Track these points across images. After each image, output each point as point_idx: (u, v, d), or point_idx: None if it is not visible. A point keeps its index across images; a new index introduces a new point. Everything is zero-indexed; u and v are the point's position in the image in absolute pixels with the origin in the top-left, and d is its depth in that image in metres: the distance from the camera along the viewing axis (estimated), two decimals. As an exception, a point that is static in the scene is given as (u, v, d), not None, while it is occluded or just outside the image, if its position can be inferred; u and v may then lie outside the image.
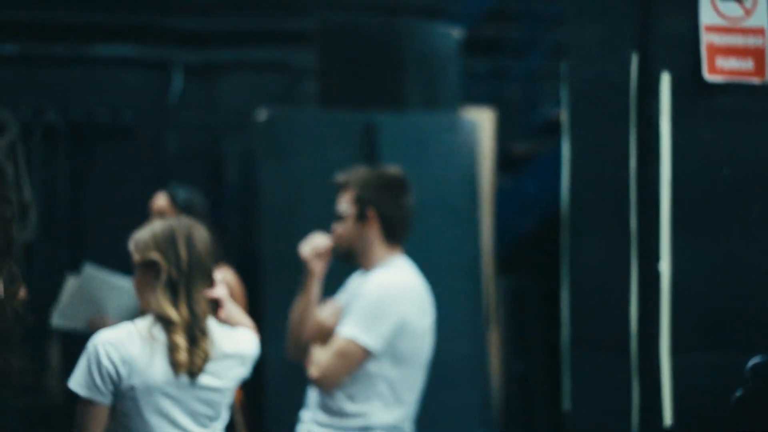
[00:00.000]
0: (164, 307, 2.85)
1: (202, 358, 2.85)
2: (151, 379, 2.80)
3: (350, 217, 3.65)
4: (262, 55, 7.65)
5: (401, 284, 3.58)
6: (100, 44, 7.46)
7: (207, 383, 2.87)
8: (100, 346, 2.78)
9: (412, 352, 3.56)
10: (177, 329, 2.84)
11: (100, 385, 2.76)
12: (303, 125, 5.47)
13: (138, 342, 2.81)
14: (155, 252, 2.89)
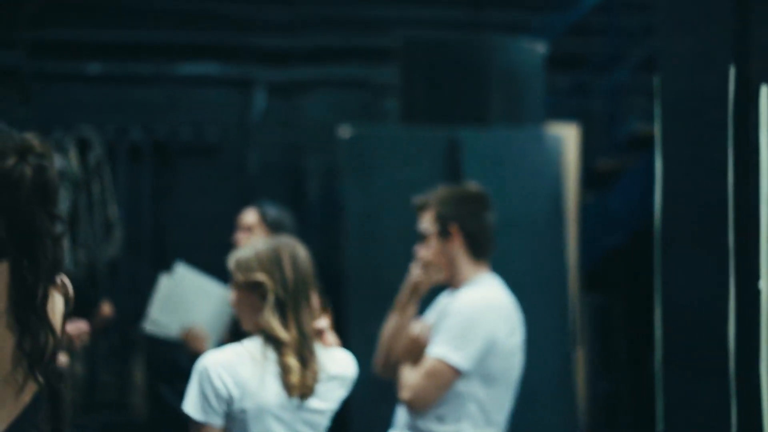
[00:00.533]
0: (274, 328, 2.81)
1: (312, 379, 2.81)
2: (263, 401, 2.76)
3: (433, 236, 3.60)
4: (343, 72, 7.66)
5: (491, 302, 3.52)
6: (183, 63, 7.54)
7: (314, 405, 2.83)
8: (212, 369, 2.74)
9: (502, 371, 3.49)
10: (288, 350, 2.80)
11: (216, 407, 2.73)
12: (386, 142, 5.44)
13: (249, 364, 2.78)
14: (261, 273, 2.86)
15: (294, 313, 2.84)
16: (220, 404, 2.74)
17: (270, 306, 2.83)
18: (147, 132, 7.43)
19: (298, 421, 2.82)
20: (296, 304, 2.85)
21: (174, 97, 7.54)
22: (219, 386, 2.73)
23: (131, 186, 7.41)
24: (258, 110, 7.57)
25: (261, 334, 2.84)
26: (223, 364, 2.76)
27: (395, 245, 5.12)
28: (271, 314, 2.83)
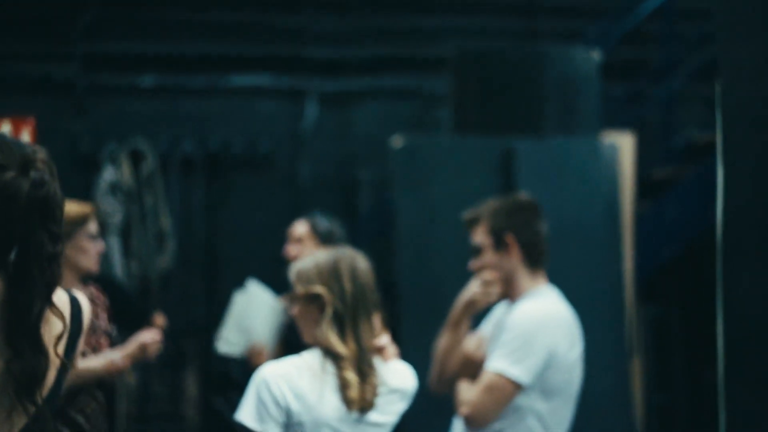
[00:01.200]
0: (332, 341, 2.77)
1: (372, 393, 2.77)
2: (322, 415, 2.72)
3: (488, 249, 3.53)
4: (396, 82, 7.63)
5: (551, 314, 3.45)
6: (236, 74, 7.56)
7: (373, 419, 2.79)
8: (270, 379, 2.70)
9: (562, 384, 3.42)
10: (346, 364, 2.76)
11: (275, 417, 2.69)
12: (439, 152, 5.39)
13: (307, 376, 2.74)
14: (320, 285, 2.83)
15: (352, 327, 2.80)
16: (279, 414, 2.70)
17: (328, 319, 2.79)
18: (199, 144, 7.46)
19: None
20: (355, 318, 2.81)
21: (226, 109, 7.56)
22: (278, 396, 2.70)
23: (183, 198, 7.44)
24: (310, 121, 7.57)
25: (319, 347, 2.81)
26: (283, 375, 2.73)
27: (448, 257, 5.07)
28: (329, 327, 2.79)
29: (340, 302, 2.80)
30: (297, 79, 7.60)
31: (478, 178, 5.24)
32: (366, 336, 2.81)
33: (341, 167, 7.60)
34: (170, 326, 5.55)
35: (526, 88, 5.64)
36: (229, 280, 7.43)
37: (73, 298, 2.34)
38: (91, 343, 3.90)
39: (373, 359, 2.82)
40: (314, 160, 7.57)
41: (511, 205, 3.60)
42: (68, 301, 2.30)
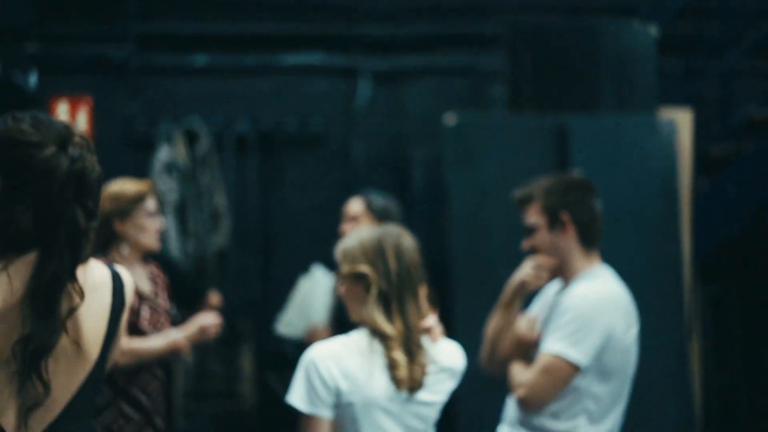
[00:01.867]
0: (378, 321, 2.76)
1: (420, 372, 2.76)
2: (371, 394, 2.71)
3: (542, 228, 3.48)
4: (449, 59, 7.58)
5: (608, 296, 3.40)
6: (288, 53, 7.55)
7: (423, 398, 2.78)
8: (319, 361, 2.70)
9: (619, 365, 3.38)
10: (394, 344, 2.74)
11: (324, 399, 2.69)
12: (492, 130, 5.34)
13: (356, 356, 2.73)
14: (365, 264, 2.81)
15: (399, 306, 2.79)
16: (329, 396, 2.69)
17: (373, 298, 2.78)
18: (253, 123, 7.47)
19: (407, 414, 2.77)
20: (401, 297, 2.79)
21: (279, 88, 7.56)
22: (327, 377, 2.69)
23: (238, 177, 7.47)
24: (363, 100, 7.55)
25: (367, 327, 2.79)
26: (331, 356, 2.72)
27: (501, 235, 5.04)
28: (375, 307, 2.78)
29: (385, 281, 2.78)
30: (349, 58, 7.57)
31: (531, 156, 5.19)
32: (413, 315, 2.79)
33: (394, 145, 7.58)
34: (226, 305, 5.59)
35: (581, 64, 5.57)
36: (284, 259, 7.47)
37: (115, 273, 2.36)
38: (154, 322, 3.93)
39: (421, 338, 2.80)
40: (367, 138, 7.56)
41: (565, 183, 3.54)
42: (110, 276, 2.35)
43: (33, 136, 2.21)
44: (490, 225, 5.19)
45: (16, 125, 2.23)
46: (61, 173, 2.20)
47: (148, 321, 3.92)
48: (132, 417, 3.82)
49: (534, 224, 3.48)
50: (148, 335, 3.89)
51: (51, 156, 2.21)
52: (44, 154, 2.20)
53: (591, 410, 3.35)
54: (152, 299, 3.99)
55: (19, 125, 2.23)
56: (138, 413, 3.83)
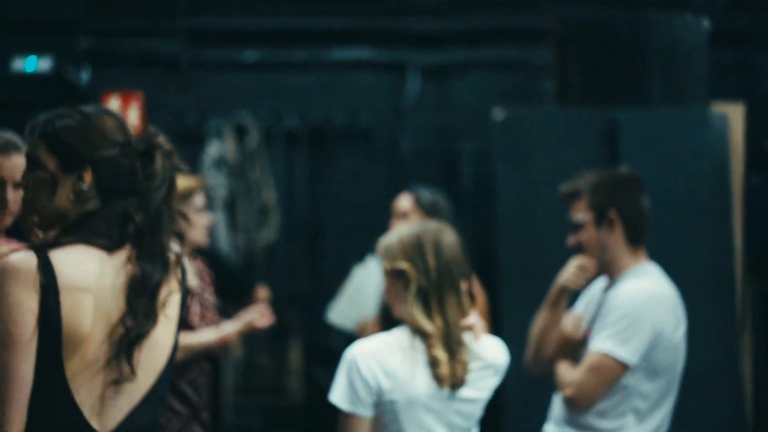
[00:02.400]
0: (418, 318, 2.75)
1: (462, 369, 2.74)
2: (413, 392, 2.71)
3: (589, 225, 3.44)
4: (497, 54, 7.55)
5: (656, 294, 3.36)
6: (337, 48, 7.56)
7: (465, 395, 2.77)
8: (360, 359, 2.70)
9: (668, 363, 3.34)
10: (434, 341, 2.73)
11: (364, 398, 2.68)
12: (541, 124, 5.31)
13: (397, 354, 2.72)
14: (404, 261, 2.80)
15: (438, 303, 2.77)
16: (369, 395, 2.69)
17: (413, 295, 2.77)
18: (302, 117, 7.49)
19: (450, 411, 2.76)
20: (440, 293, 2.77)
21: (328, 83, 7.58)
22: (368, 376, 2.68)
23: (287, 171, 7.50)
24: (411, 94, 7.54)
25: (407, 324, 2.79)
26: (372, 354, 2.71)
27: (549, 230, 5.01)
28: (414, 304, 2.77)
29: (425, 278, 2.77)
30: (398, 52, 7.57)
31: (580, 151, 5.15)
32: (453, 312, 2.78)
33: (442, 140, 7.56)
34: (274, 299, 5.61)
35: (631, 58, 5.52)
36: (332, 253, 7.49)
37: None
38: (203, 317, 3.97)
39: (462, 335, 2.78)
40: (415, 132, 7.55)
41: (613, 180, 3.51)
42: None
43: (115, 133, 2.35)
44: (538, 220, 5.16)
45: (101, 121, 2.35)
46: (158, 176, 2.35)
47: (198, 316, 3.96)
48: (179, 411, 3.85)
49: (581, 220, 3.46)
50: (198, 330, 3.92)
51: (148, 160, 2.35)
52: (149, 154, 2.34)
53: (639, 408, 3.32)
54: (200, 294, 4.03)
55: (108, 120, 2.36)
56: (185, 407, 3.87)
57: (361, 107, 7.54)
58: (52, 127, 2.33)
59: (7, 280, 2.19)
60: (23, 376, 2.17)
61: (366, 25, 7.56)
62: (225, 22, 7.51)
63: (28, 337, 2.17)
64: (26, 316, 2.18)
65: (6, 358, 2.17)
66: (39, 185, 2.32)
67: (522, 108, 6.45)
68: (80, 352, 2.22)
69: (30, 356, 2.18)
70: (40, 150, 2.32)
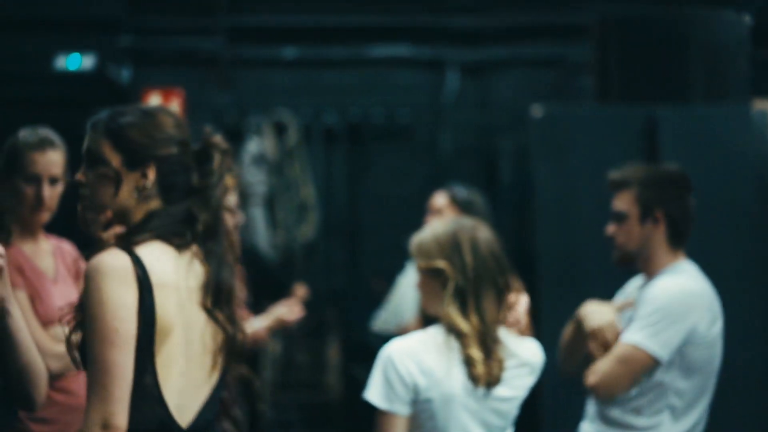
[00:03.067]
0: (454, 317, 2.74)
1: (498, 368, 2.74)
2: (450, 390, 2.70)
3: (633, 219, 3.42)
4: (536, 51, 7.53)
5: (691, 290, 3.34)
6: (376, 45, 7.57)
7: (501, 394, 2.76)
8: (396, 357, 2.70)
9: (703, 361, 3.32)
10: (470, 341, 2.73)
11: (401, 396, 2.68)
12: (580, 121, 5.29)
13: (433, 352, 2.72)
14: (441, 260, 2.79)
15: (475, 301, 2.76)
16: (406, 392, 2.69)
17: (450, 294, 2.76)
18: (341, 115, 7.52)
19: (486, 410, 2.75)
20: (477, 292, 2.76)
21: (367, 80, 7.59)
22: (404, 374, 2.68)
23: (326, 168, 7.52)
24: (450, 91, 7.54)
25: (443, 323, 2.78)
26: (408, 352, 2.71)
27: (588, 227, 4.99)
28: (451, 303, 2.76)
29: (462, 276, 2.76)
30: (437, 49, 7.57)
31: (619, 148, 5.12)
32: (490, 309, 2.77)
33: (481, 137, 7.55)
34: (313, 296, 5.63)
35: (672, 55, 5.48)
36: (371, 250, 7.51)
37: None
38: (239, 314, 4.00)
39: (499, 332, 2.78)
40: (454, 129, 7.54)
41: (664, 177, 3.46)
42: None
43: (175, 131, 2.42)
44: (577, 217, 5.14)
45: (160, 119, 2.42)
46: (215, 175, 2.41)
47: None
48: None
49: (625, 212, 3.42)
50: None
51: (211, 156, 2.41)
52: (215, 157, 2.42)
53: (675, 406, 3.30)
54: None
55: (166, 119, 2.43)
56: (215, 404, 3.89)
57: (400, 104, 7.54)
58: (116, 124, 2.37)
59: (108, 279, 2.24)
60: (128, 372, 2.23)
61: (405, 22, 7.57)
62: (265, 20, 7.55)
63: (132, 333, 2.23)
64: (129, 313, 2.24)
65: (114, 355, 2.21)
66: (102, 182, 2.36)
67: (560, 105, 6.42)
68: (166, 346, 2.29)
69: (132, 352, 2.24)
70: (105, 147, 2.36)
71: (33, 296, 3.15)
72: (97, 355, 2.22)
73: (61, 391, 3.17)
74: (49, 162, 3.22)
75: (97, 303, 2.23)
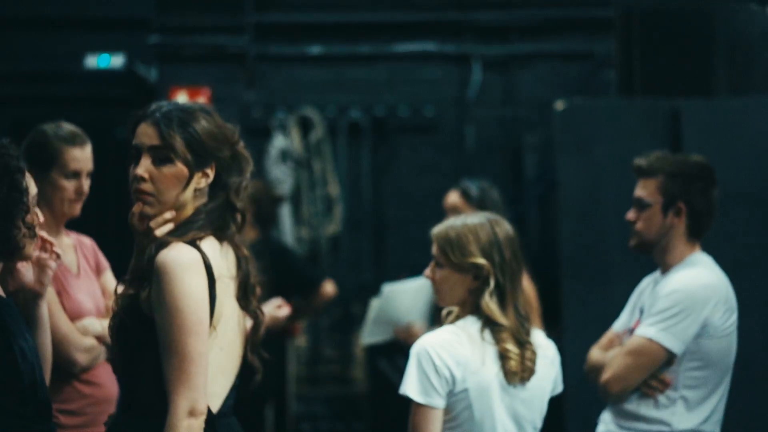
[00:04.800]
0: (495, 313, 2.76)
1: (531, 361, 2.76)
2: (485, 381, 2.72)
3: (655, 208, 3.42)
4: (561, 45, 7.53)
5: (705, 282, 3.33)
6: (401, 41, 7.60)
7: (531, 386, 2.79)
8: (431, 350, 2.71)
9: (717, 353, 3.31)
10: (506, 335, 2.75)
11: (438, 389, 2.70)
12: (603, 115, 5.29)
13: (467, 344, 2.74)
14: (480, 257, 2.78)
15: (512, 296, 2.78)
16: (443, 385, 2.70)
17: (490, 290, 2.77)
18: (366, 110, 7.55)
19: (518, 403, 2.77)
20: (513, 287, 2.79)
21: (392, 76, 7.62)
22: (440, 366, 2.69)
23: (351, 163, 7.56)
24: (475, 86, 7.56)
25: (480, 317, 2.78)
26: (442, 344, 2.72)
27: (611, 221, 4.99)
28: (491, 299, 2.77)
29: (501, 273, 2.78)
30: (462, 45, 7.59)
31: (643, 141, 5.11)
32: (522, 304, 2.79)
33: (507, 131, 7.57)
34: (339, 290, 5.67)
35: (696, 48, 5.47)
36: (396, 244, 7.54)
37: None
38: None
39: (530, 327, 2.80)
40: (480, 124, 7.56)
41: (690, 169, 3.44)
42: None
43: (231, 132, 2.53)
44: (600, 211, 5.14)
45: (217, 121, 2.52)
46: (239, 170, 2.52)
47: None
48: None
49: (648, 200, 3.41)
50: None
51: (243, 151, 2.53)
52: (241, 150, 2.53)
53: (688, 398, 3.30)
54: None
55: (219, 121, 2.52)
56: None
57: (425, 100, 7.57)
58: (191, 126, 2.46)
59: (189, 272, 2.35)
60: (207, 361, 2.35)
61: (430, 18, 7.60)
62: (290, 18, 7.59)
63: (208, 323, 2.37)
64: (206, 305, 2.36)
65: (199, 345, 2.33)
66: (171, 179, 2.44)
67: (583, 99, 6.43)
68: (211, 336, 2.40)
69: (207, 341, 2.37)
70: (180, 146, 2.44)
71: (59, 291, 3.19)
72: (180, 345, 2.31)
73: (89, 383, 3.21)
74: (87, 157, 3.27)
75: (180, 295, 2.32)
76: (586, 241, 5.17)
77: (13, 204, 2.43)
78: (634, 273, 3.83)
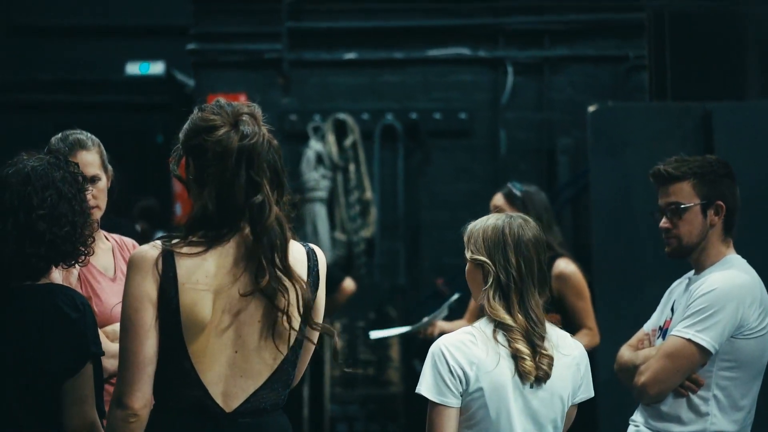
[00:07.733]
0: (499, 313, 2.78)
1: (546, 363, 2.76)
2: (500, 380, 2.74)
3: (695, 210, 3.42)
4: (594, 48, 7.56)
5: (739, 283, 3.32)
6: (435, 47, 7.66)
7: (549, 387, 2.80)
8: (445, 349, 2.74)
9: (751, 353, 3.31)
10: (517, 336, 2.76)
11: (452, 388, 2.73)
12: (635, 118, 5.33)
13: (482, 344, 2.76)
14: (484, 255, 2.81)
15: (519, 298, 2.78)
16: (456, 385, 2.72)
17: (492, 290, 2.80)
18: (400, 115, 7.61)
19: (537, 404, 2.79)
20: (522, 289, 2.80)
21: (426, 80, 7.68)
22: (454, 366, 2.72)
23: (386, 168, 7.62)
24: (509, 90, 7.60)
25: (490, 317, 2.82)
26: (456, 344, 2.75)
27: (644, 223, 5.02)
28: (494, 298, 2.79)
29: (504, 274, 2.79)
30: (495, 49, 7.63)
31: (675, 144, 5.14)
32: (535, 306, 2.80)
33: (540, 135, 7.60)
34: (374, 292, 5.73)
35: (727, 51, 5.48)
36: (430, 248, 7.59)
37: (310, 250, 2.60)
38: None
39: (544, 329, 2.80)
40: (513, 128, 7.60)
41: (717, 168, 3.45)
42: (305, 253, 2.58)
43: (209, 121, 2.47)
44: (633, 213, 5.17)
45: (200, 114, 2.52)
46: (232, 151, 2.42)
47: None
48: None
49: (684, 204, 3.41)
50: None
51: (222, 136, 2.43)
52: (216, 136, 2.43)
53: (722, 400, 3.29)
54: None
55: (202, 113, 2.48)
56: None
57: (459, 104, 7.62)
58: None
59: (131, 271, 2.44)
60: (140, 358, 2.42)
61: (464, 23, 7.65)
62: (325, 24, 7.68)
63: (145, 322, 2.43)
64: (142, 303, 2.43)
65: (125, 342, 2.43)
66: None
67: (616, 102, 6.45)
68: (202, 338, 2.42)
69: (147, 340, 2.42)
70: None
71: (90, 295, 3.18)
72: (120, 340, 2.45)
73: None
74: (84, 163, 3.19)
75: (125, 291, 2.44)
76: (618, 242, 5.20)
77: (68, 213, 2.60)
78: (665, 274, 3.84)
